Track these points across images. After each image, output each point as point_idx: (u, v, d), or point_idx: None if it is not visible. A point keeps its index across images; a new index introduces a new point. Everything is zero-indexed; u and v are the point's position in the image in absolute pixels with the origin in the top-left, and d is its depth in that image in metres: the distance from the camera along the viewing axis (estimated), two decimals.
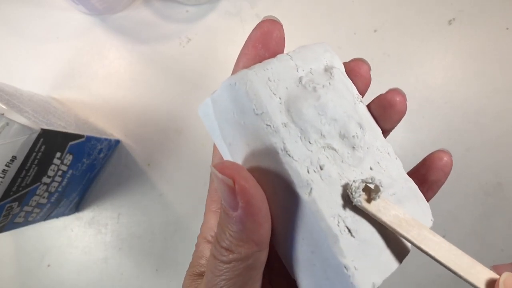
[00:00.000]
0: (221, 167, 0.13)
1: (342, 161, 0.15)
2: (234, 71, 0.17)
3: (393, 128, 0.19)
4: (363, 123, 0.16)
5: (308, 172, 0.14)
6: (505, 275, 0.15)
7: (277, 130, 0.14)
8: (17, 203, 0.29)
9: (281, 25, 0.17)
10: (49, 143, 0.29)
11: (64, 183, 0.35)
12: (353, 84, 0.18)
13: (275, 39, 0.17)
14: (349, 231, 0.14)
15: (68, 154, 0.33)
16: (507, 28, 0.44)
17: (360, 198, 0.14)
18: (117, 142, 0.44)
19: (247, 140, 0.15)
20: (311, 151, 0.14)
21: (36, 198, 0.32)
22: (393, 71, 0.43)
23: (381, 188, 0.14)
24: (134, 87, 0.45)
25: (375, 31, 0.44)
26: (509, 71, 0.44)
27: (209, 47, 0.45)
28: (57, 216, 0.40)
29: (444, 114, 0.43)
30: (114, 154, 0.44)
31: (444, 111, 0.43)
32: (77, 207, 0.43)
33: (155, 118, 0.44)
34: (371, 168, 0.16)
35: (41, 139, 0.27)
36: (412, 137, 0.42)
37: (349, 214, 0.14)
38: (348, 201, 0.14)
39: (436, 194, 0.45)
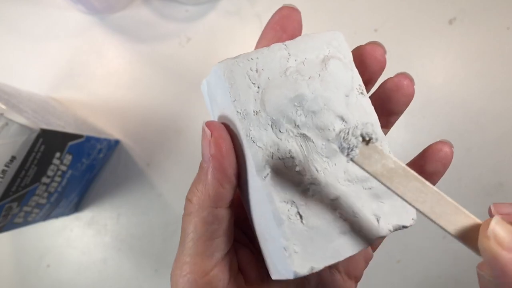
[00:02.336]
0: (208, 123, 0.16)
1: (316, 152, 0.16)
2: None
3: (401, 111, 0.20)
4: (348, 117, 0.16)
5: (272, 158, 0.15)
6: (496, 219, 0.13)
7: (246, 117, 0.15)
8: (16, 203, 0.29)
9: (299, 12, 0.19)
10: (49, 143, 0.29)
11: (63, 183, 0.35)
12: (358, 75, 0.18)
13: (293, 23, 0.18)
14: (300, 217, 0.15)
15: (67, 154, 0.33)
16: (508, 28, 0.44)
17: (356, 142, 0.14)
18: (117, 142, 0.43)
19: (226, 122, 0.16)
20: (281, 139, 0.15)
21: (35, 198, 0.32)
22: (393, 70, 0.43)
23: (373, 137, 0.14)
24: (133, 86, 0.45)
25: (375, 30, 0.44)
26: (510, 70, 0.44)
27: (209, 46, 0.45)
28: (56, 216, 0.40)
29: (445, 114, 0.43)
30: (113, 154, 0.44)
31: (445, 111, 0.43)
32: (77, 207, 0.43)
33: (155, 118, 0.44)
34: (347, 161, 0.15)
35: (41, 139, 0.27)
36: (413, 137, 0.42)
37: (305, 202, 0.15)
38: (306, 190, 0.15)
39: None
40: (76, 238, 0.43)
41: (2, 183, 0.26)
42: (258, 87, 0.16)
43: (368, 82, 0.19)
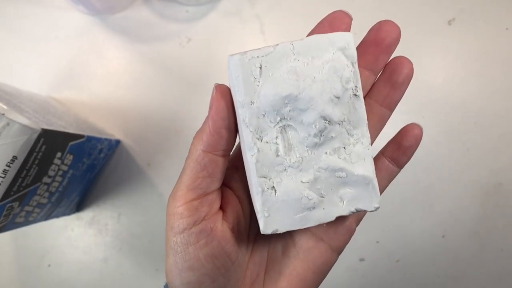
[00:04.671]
0: (217, 84, 0.20)
1: (299, 141, 0.19)
2: None
3: (401, 93, 0.22)
4: (332, 117, 0.19)
5: (261, 141, 0.19)
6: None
7: (244, 106, 0.18)
8: (17, 203, 0.29)
9: (350, 17, 0.22)
10: (50, 143, 0.29)
11: (64, 183, 0.35)
12: (358, 77, 0.19)
13: (342, 24, 0.21)
14: (274, 191, 0.19)
15: (68, 154, 0.33)
16: (507, 28, 0.44)
17: None
18: (117, 142, 0.44)
19: (234, 105, 0.20)
20: (270, 127, 0.19)
21: (36, 198, 0.32)
22: None
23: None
24: (134, 87, 0.45)
25: None
26: (509, 71, 0.44)
27: (209, 47, 0.45)
28: (57, 216, 0.40)
29: (445, 114, 0.43)
30: (114, 154, 0.44)
31: (444, 111, 0.43)
32: (78, 207, 0.43)
33: (155, 118, 0.44)
34: (326, 153, 0.19)
35: (42, 139, 0.27)
36: None
37: (281, 180, 0.19)
38: (283, 171, 0.19)
39: (437, 195, 0.45)
40: (77, 238, 0.43)
41: (4, 183, 0.26)
42: (259, 82, 0.18)
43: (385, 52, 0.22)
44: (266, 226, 0.19)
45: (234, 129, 0.20)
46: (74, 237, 0.43)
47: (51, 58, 0.45)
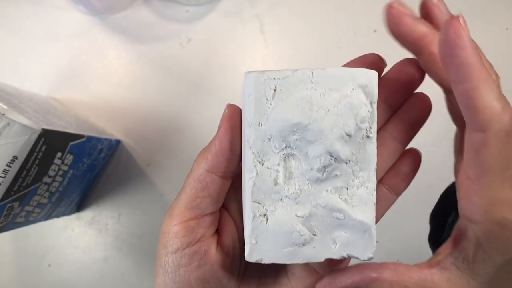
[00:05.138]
0: (229, 104, 0.19)
1: (301, 173, 0.18)
2: None
3: (417, 130, 0.22)
4: (339, 154, 0.18)
5: (262, 164, 0.18)
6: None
7: (252, 126, 0.18)
8: (18, 203, 0.29)
9: (385, 64, 0.20)
10: (50, 143, 0.29)
11: (64, 183, 0.35)
12: (374, 118, 0.18)
13: (373, 68, 0.19)
14: (266, 219, 0.18)
15: (68, 154, 0.33)
16: (507, 28, 0.44)
17: None
18: (118, 142, 0.44)
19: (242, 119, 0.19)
20: (274, 152, 0.18)
21: (37, 198, 0.32)
22: None
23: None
24: (134, 87, 0.45)
25: (375, 31, 0.44)
26: (509, 71, 0.44)
27: (209, 47, 0.45)
28: (57, 215, 0.40)
29: (445, 114, 0.43)
30: (114, 154, 0.44)
31: (444, 111, 0.43)
32: (78, 207, 0.43)
33: (156, 118, 0.44)
34: (327, 190, 0.18)
35: (42, 139, 0.27)
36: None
37: (274, 208, 0.18)
38: (279, 200, 0.19)
39: (437, 195, 0.45)
40: (77, 238, 0.43)
41: (4, 183, 0.26)
42: (271, 104, 0.18)
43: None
44: (251, 253, 0.18)
45: (240, 152, 0.20)
46: (74, 237, 0.43)
47: (51, 58, 0.45)
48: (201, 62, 0.45)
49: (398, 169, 0.22)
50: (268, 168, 0.18)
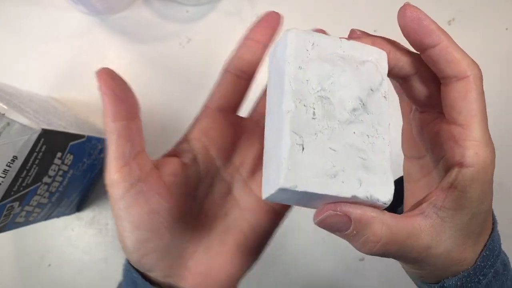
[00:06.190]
0: (98, 70, 0.21)
1: (333, 114, 0.20)
2: None
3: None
4: (366, 101, 0.20)
5: (300, 102, 0.20)
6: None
7: (291, 64, 0.20)
8: (18, 203, 0.29)
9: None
10: (50, 143, 0.29)
11: (64, 183, 0.35)
12: (387, 84, 0.21)
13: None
14: (302, 149, 0.19)
15: (69, 154, 0.33)
16: (507, 29, 0.44)
17: None
18: None
19: (279, 66, 0.21)
20: (310, 93, 0.20)
21: (37, 198, 0.32)
22: None
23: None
24: (134, 87, 0.44)
25: (375, 31, 0.44)
26: (509, 71, 0.44)
27: (209, 47, 0.45)
28: (57, 215, 0.40)
29: None
30: None
31: None
32: (78, 207, 0.43)
33: (155, 118, 0.44)
34: (354, 132, 0.20)
35: (42, 139, 0.27)
36: None
37: (309, 141, 0.19)
38: (314, 134, 0.20)
39: None
40: (77, 238, 0.43)
41: (4, 183, 0.26)
42: (309, 54, 0.20)
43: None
44: (286, 179, 0.19)
45: (125, 95, 0.22)
46: (74, 237, 0.43)
47: (51, 58, 0.45)
48: (201, 62, 0.45)
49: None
50: (304, 106, 0.20)
